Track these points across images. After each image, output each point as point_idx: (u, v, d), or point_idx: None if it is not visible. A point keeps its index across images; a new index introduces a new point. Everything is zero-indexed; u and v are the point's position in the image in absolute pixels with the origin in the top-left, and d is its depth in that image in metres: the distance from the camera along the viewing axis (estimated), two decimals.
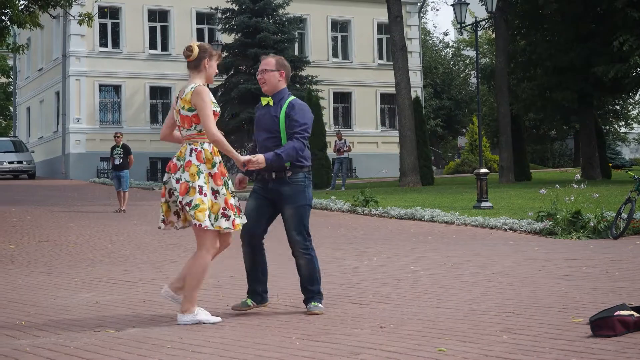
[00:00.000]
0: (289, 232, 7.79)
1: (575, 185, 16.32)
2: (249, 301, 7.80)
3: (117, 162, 23.54)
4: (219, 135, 7.32)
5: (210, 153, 7.34)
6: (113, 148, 23.84)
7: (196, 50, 7.47)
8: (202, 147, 7.33)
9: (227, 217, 7.29)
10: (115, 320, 7.58)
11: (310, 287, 7.81)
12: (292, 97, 7.84)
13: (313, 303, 7.75)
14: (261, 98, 7.94)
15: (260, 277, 7.87)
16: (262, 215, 7.81)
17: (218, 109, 7.44)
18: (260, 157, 7.51)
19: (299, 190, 7.71)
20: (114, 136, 24.17)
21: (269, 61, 7.84)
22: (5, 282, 10.67)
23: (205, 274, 7.41)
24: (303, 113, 7.73)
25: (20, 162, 45.05)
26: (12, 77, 61.88)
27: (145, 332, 6.91)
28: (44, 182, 40.71)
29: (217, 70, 7.62)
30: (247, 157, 7.56)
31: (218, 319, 7.34)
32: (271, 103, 7.83)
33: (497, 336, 6.30)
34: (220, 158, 7.42)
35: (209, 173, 7.32)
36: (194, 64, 7.50)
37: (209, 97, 7.35)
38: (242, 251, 7.90)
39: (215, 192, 7.30)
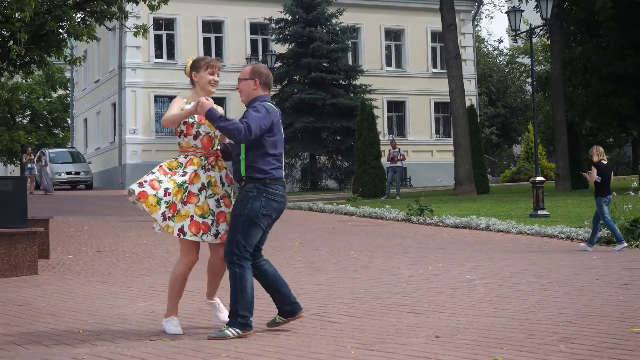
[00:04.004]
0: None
1: (632, 193, 16.14)
2: (278, 318, 7.49)
3: None
4: None
5: None
6: None
7: None
8: None
9: None
10: None
11: (230, 306, 7.22)
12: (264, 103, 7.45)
13: (222, 327, 7.21)
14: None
15: (271, 294, 7.53)
16: None
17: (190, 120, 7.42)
18: (206, 103, 7.18)
19: (242, 199, 7.33)
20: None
21: (245, 70, 7.56)
22: (64, 291, 10.78)
23: None
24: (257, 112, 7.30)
25: (77, 173, 45.61)
26: (69, 89, 62.63)
27: (201, 341, 6.94)
28: (101, 193, 41.12)
29: None
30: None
31: None
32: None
33: (554, 346, 6.25)
34: None
35: None
36: None
37: None
38: None
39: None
